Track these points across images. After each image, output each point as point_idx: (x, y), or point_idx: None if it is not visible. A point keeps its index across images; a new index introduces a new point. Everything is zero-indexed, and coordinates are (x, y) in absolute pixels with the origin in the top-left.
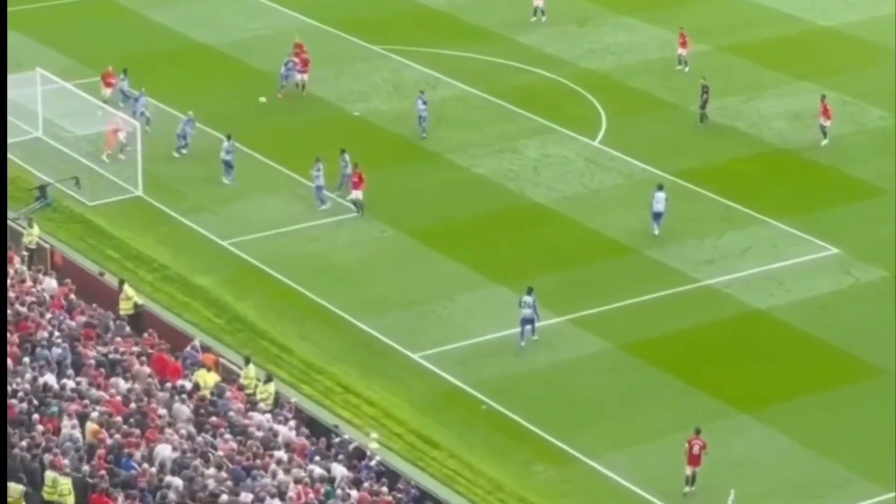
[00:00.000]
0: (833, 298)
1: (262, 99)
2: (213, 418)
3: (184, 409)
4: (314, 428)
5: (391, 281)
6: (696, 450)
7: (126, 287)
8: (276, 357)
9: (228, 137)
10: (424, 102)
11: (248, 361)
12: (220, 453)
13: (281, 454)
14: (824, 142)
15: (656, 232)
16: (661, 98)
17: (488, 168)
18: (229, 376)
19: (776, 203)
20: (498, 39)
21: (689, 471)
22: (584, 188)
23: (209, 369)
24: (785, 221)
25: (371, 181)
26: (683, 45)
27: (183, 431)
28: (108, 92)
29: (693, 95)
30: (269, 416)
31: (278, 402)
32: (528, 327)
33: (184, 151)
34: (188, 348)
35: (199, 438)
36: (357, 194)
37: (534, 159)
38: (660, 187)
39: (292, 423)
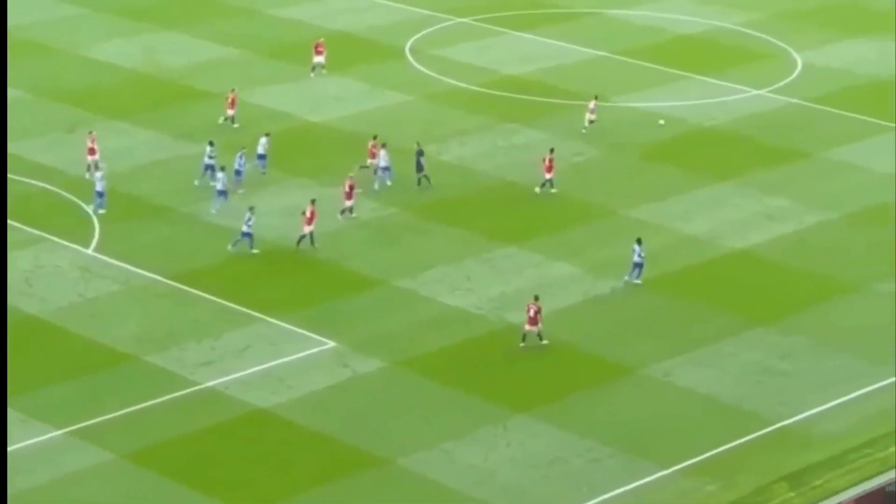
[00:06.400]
0: (332, 392)
1: None
2: None
3: None
4: None
5: None
6: None
7: None
8: None
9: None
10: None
11: None
12: None
13: None
14: (553, 190)
15: (638, 281)
16: (154, 203)
17: None
18: None
19: (273, 300)
20: None
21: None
22: (80, 297)
23: None
24: (283, 318)
25: None
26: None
27: None
28: None
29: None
30: None
31: None
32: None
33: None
34: None
35: None
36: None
37: (26, 271)
38: (638, 241)
39: None
